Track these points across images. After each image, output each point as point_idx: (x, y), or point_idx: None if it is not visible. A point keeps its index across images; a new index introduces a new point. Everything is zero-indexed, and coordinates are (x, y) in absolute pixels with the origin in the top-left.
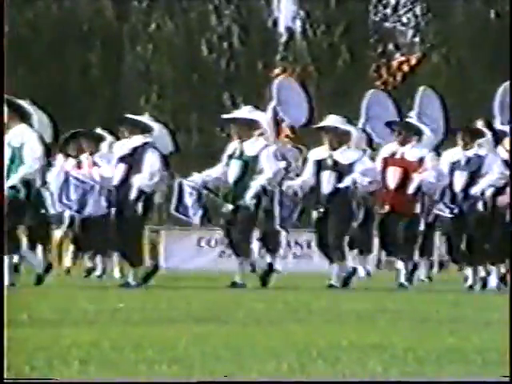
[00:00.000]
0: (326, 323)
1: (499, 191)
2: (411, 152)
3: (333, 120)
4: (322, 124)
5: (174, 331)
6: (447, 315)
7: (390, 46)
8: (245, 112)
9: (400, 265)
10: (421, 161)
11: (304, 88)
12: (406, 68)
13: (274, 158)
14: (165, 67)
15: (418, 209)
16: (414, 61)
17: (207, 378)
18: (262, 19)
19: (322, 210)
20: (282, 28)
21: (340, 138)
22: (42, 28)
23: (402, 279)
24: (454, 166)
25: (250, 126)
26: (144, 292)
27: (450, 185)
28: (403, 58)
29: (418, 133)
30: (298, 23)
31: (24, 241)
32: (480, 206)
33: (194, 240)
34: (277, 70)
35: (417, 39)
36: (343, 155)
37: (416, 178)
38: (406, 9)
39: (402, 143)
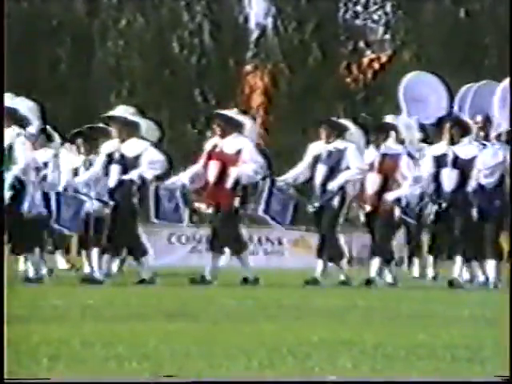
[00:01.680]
0: (297, 320)
1: (385, 188)
2: (229, 144)
3: (121, 110)
4: (110, 113)
5: (144, 328)
6: (417, 312)
7: (361, 44)
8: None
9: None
10: (238, 153)
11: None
12: (376, 65)
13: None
14: (135, 63)
15: (237, 203)
16: (384, 58)
17: (177, 374)
18: (234, 16)
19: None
20: (253, 25)
21: (128, 130)
22: (11, 23)
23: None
24: (316, 160)
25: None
26: (114, 288)
27: (311, 179)
28: (374, 56)
29: (238, 125)
30: (270, 20)
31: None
32: (336, 201)
33: (164, 236)
34: (248, 67)
35: (387, 37)
36: (128, 148)
37: (233, 172)
38: (376, 6)
39: (222, 136)
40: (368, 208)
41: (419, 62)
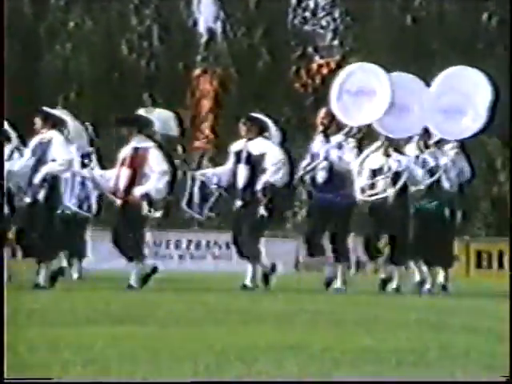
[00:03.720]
0: (245, 324)
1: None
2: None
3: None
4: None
5: (90, 332)
6: (364, 316)
7: (310, 49)
8: None
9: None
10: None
11: None
12: (325, 71)
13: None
14: (84, 66)
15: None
16: (333, 64)
17: (124, 379)
18: (183, 19)
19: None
20: (202, 28)
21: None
22: None
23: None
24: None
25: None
26: (61, 293)
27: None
28: (322, 61)
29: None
30: (219, 24)
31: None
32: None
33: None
34: (197, 71)
35: (336, 42)
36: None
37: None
38: (324, 12)
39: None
40: (119, 202)
41: None
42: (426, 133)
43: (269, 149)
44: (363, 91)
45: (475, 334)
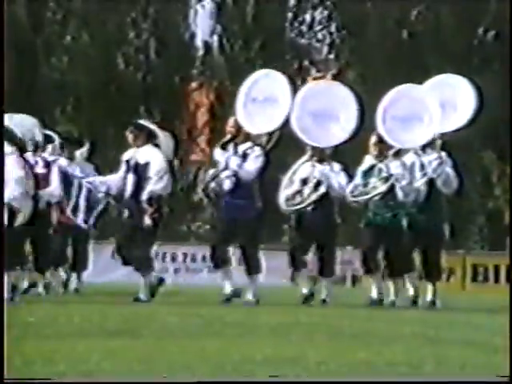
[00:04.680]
0: (241, 337)
1: None
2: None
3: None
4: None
5: (86, 345)
6: (360, 329)
7: (306, 63)
8: None
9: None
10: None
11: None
12: None
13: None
14: (80, 79)
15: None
16: (329, 77)
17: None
18: (179, 33)
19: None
20: (199, 42)
21: None
22: None
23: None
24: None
25: None
26: (57, 305)
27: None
28: (319, 75)
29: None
30: (215, 38)
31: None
32: None
33: (108, 253)
34: (194, 84)
35: (332, 56)
36: None
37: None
38: (321, 26)
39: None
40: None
41: (364, 82)
42: (380, 142)
43: (153, 157)
44: (268, 99)
45: (471, 348)
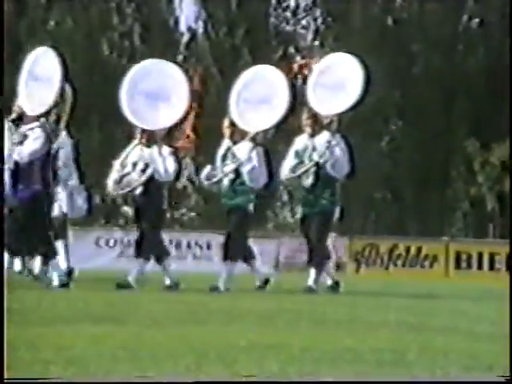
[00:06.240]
0: (225, 324)
1: None
2: None
3: None
4: None
5: (71, 332)
6: (344, 316)
7: (291, 49)
8: None
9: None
10: None
11: None
12: (306, 71)
13: None
14: None
15: None
16: (314, 64)
17: (103, 378)
18: (164, 19)
19: None
20: (183, 28)
21: None
22: None
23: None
24: None
25: None
26: (41, 292)
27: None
28: (304, 62)
29: None
30: (200, 24)
31: None
32: None
33: (92, 239)
34: None
35: (316, 43)
36: None
37: None
38: (305, 13)
39: None
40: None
41: None
42: (233, 125)
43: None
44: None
45: (454, 335)
